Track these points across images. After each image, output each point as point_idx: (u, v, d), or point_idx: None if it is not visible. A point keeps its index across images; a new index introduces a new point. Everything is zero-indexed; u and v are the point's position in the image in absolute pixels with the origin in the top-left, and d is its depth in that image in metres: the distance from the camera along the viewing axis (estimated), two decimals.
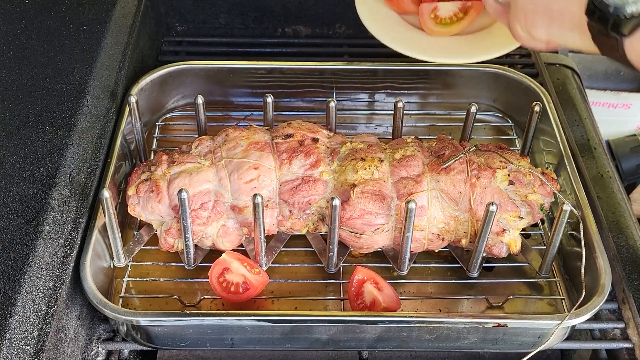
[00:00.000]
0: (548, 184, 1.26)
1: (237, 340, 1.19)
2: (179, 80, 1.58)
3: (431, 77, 1.60)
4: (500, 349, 1.21)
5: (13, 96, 1.28)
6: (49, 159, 1.19)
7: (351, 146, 1.32)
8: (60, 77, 1.34)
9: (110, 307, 1.14)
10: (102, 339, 1.22)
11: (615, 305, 1.26)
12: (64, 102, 1.29)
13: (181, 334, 1.18)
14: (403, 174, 1.26)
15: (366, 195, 1.23)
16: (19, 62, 1.35)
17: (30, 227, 1.09)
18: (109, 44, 1.44)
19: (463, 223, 1.26)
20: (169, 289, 1.29)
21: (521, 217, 1.25)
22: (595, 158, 1.47)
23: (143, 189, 1.27)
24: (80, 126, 1.27)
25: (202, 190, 1.25)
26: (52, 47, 1.39)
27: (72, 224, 1.16)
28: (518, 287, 1.30)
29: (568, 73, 1.74)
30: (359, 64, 1.59)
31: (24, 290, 1.02)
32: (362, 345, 1.20)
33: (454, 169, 1.25)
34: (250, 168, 1.26)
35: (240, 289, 1.23)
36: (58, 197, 1.15)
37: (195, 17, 1.79)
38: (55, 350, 1.06)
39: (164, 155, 1.31)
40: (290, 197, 1.26)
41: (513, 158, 1.29)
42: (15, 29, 1.42)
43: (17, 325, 0.98)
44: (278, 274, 1.31)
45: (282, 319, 1.16)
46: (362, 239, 1.26)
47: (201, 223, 1.26)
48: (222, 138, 1.33)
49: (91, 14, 1.48)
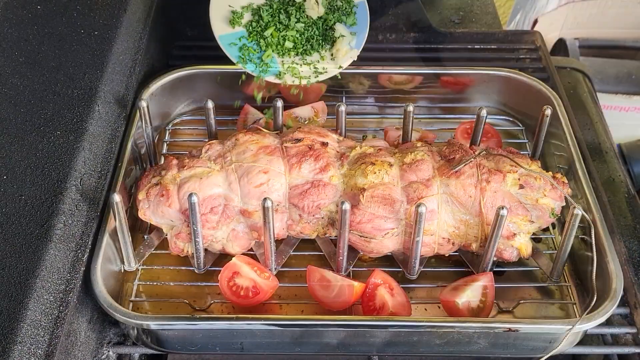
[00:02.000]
0: (559, 187, 1.26)
1: (247, 345, 1.19)
2: (189, 85, 1.58)
3: (441, 81, 1.60)
4: (511, 354, 1.20)
5: (24, 101, 1.29)
6: (60, 163, 1.20)
7: (360, 150, 1.32)
8: (71, 82, 1.34)
9: (120, 310, 1.14)
10: (113, 343, 1.22)
11: (627, 310, 1.25)
12: (75, 107, 1.30)
13: (191, 338, 1.18)
14: (413, 178, 1.26)
15: (376, 200, 1.23)
16: (30, 67, 1.36)
17: (41, 231, 1.09)
18: (119, 49, 1.45)
19: (473, 227, 1.25)
20: (179, 293, 1.29)
21: (532, 221, 1.24)
22: (606, 162, 1.46)
23: (153, 193, 1.27)
24: (91, 131, 1.28)
25: (212, 195, 1.25)
26: (63, 52, 1.40)
27: (82, 228, 1.17)
28: (529, 291, 1.30)
29: (579, 77, 1.73)
30: (368, 68, 1.59)
31: (35, 294, 1.02)
32: (372, 350, 1.20)
33: (464, 173, 1.25)
34: (259, 172, 1.26)
35: (250, 293, 1.23)
36: (69, 201, 1.16)
37: (206, 21, 1.79)
38: (66, 354, 1.06)
39: (174, 159, 1.32)
40: (299, 201, 1.26)
41: (523, 162, 1.29)
42: (27, 34, 1.42)
43: (29, 329, 0.99)
44: (287, 277, 1.31)
45: (292, 323, 1.15)
46: (372, 243, 1.26)
47: (211, 227, 1.26)
48: (231, 142, 1.33)
49: (102, 19, 1.49)
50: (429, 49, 1.76)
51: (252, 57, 1.48)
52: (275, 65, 1.47)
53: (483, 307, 1.22)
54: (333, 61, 1.50)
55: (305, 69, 1.48)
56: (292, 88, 1.50)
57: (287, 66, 1.47)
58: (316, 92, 1.60)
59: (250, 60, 1.47)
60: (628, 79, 2.22)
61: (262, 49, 1.49)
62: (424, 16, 1.76)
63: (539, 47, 1.74)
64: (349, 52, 1.50)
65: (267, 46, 1.49)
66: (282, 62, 1.48)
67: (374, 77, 1.60)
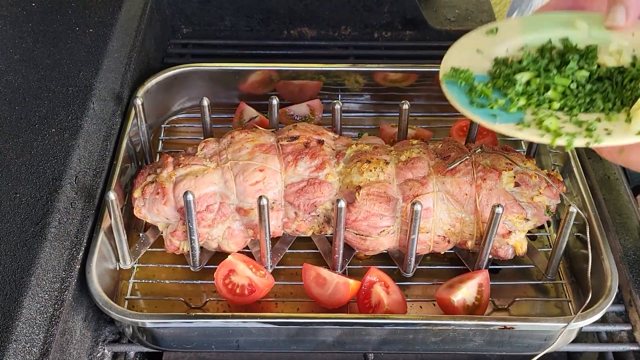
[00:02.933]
0: (554, 185, 1.26)
1: (243, 343, 1.19)
2: (185, 83, 1.58)
3: (437, 79, 1.59)
4: (506, 352, 1.21)
5: (19, 99, 1.29)
6: (55, 161, 1.19)
7: (356, 148, 1.32)
8: (67, 80, 1.34)
9: (116, 309, 1.14)
10: (108, 341, 1.22)
11: (622, 307, 1.25)
12: (70, 105, 1.29)
13: (187, 336, 1.18)
14: (409, 176, 1.26)
15: (372, 197, 1.23)
16: (25, 65, 1.35)
17: (36, 230, 1.09)
18: (114, 47, 1.45)
19: (469, 225, 1.25)
20: (174, 291, 1.29)
21: (527, 219, 1.25)
22: (601, 160, 1.46)
23: (149, 191, 1.27)
24: (86, 128, 1.27)
25: (207, 193, 1.25)
26: (58, 49, 1.39)
27: (78, 226, 1.16)
28: (524, 289, 1.30)
29: None
30: (364, 65, 1.60)
31: (30, 292, 1.02)
32: (368, 348, 1.20)
33: (459, 170, 1.25)
34: (255, 170, 1.26)
35: (246, 291, 1.23)
36: (64, 199, 1.15)
37: (201, 19, 1.80)
38: (61, 352, 1.06)
39: (170, 157, 1.32)
40: (295, 199, 1.26)
41: (519, 160, 1.29)
42: (22, 31, 1.42)
43: (24, 327, 0.98)
44: (283, 275, 1.31)
45: (288, 321, 1.15)
46: (368, 241, 1.26)
47: (207, 225, 1.26)
48: (227, 140, 1.33)
49: (97, 16, 1.49)
50: (425, 47, 1.76)
51: (486, 102, 1.05)
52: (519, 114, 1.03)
53: (478, 304, 1.22)
54: (627, 124, 0.98)
55: (571, 127, 0.99)
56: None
57: (542, 115, 1.02)
58: (312, 89, 1.60)
59: (482, 106, 1.04)
60: None
61: (507, 96, 1.05)
62: (420, 14, 1.76)
63: None
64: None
65: (517, 95, 1.05)
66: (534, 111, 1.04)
67: (369, 75, 1.60)
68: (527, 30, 1.14)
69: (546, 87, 1.05)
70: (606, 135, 0.97)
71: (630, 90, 1.03)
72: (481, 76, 1.09)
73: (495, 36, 1.15)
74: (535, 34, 1.13)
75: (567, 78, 1.06)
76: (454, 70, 1.08)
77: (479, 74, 1.09)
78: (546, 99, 1.04)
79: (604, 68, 1.07)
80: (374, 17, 1.76)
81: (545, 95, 1.05)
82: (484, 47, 1.13)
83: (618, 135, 0.96)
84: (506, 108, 1.03)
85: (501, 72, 1.08)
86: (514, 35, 1.14)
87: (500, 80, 1.07)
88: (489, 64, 1.11)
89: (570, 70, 1.06)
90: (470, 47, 1.13)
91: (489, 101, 1.04)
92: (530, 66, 1.08)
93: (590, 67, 1.07)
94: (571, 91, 1.05)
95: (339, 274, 1.25)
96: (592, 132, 0.98)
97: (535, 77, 1.06)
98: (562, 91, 1.05)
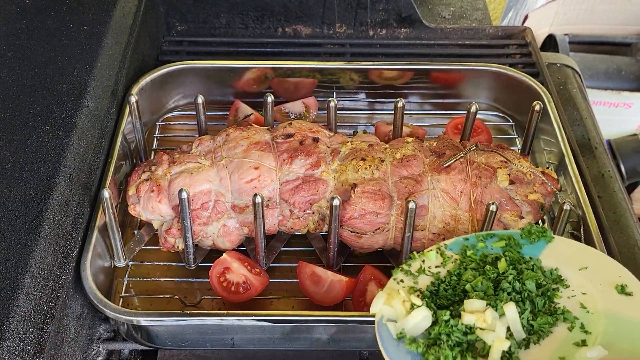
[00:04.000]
0: (548, 183, 1.26)
1: (238, 340, 1.19)
2: (180, 80, 1.58)
3: (432, 77, 1.60)
4: None
5: (13, 96, 1.28)
6: (49, 158, 1.19)
7: (352, 146, 1.32)
8: (61, 77, 1.33)
9: (110, 307, 1.14)
10: (103, 339, 1.22)
11: None
12: (65, 102, 1.29)
13: (182, 334, 1.18)
14: (404, 174, 1.26)
15: (367, 195, 1.23)
16: (19, 62, 1.35)
17: (30, 227, 1.09)
18: (109, 44, 1.44)
19: (464, 223, 1.25)
20: (169, 289, 1.29)
21: (522, 217, 1.25)
22: (596, 157, 1.46)
23: (143, 188, 1.27)
24: (80, 126, 1.27)
25: (202, 190, 1.25)
26: (52, 46, 1.39)
27: (72, 223, 1.16)
28: None
29: (569, 72, 1.73)
30: (359, 63, 1.60)
31: (24, 290, 1.01)
32: (363, 346, 1.20)
33: (454, 168, 1.25)
34: (250, 168, 1.26)
35: (241, 289, 1.23)
36: (58, 196, 1.15)
37: (196, 16, 1.79)
38: (55, 350, 1.06)
39: (165, 155, 1.31)
40: (290, 197, 1.26)
41: (514, 157, 1.29)
42: (16, 28, 1.42)
43: (18, 325, 0.98)
44: (278, 273, 1.31)
45: (283, 319, 1.15)
46: (363, 238, 1.26)
47: (202, 223, 1.26)
48: (222, 138, 1.33)
49: (91, 13, 1.48)
50: (420, 45, 1.76)
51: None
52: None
53: None
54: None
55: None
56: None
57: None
58: (307, 87, 1.60)
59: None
60: (617, 75, 2.24)
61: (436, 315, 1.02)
62: (415, 12, 1.76)
63: (529, 43, 1.75)
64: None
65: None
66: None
67: (364, 73, 1.60)
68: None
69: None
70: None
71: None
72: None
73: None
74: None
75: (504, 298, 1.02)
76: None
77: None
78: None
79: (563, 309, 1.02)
80: (369, 14, 1.76)
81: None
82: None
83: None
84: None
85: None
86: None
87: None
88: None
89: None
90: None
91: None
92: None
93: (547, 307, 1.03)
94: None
95: (334, 272, 1.25)
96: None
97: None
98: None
